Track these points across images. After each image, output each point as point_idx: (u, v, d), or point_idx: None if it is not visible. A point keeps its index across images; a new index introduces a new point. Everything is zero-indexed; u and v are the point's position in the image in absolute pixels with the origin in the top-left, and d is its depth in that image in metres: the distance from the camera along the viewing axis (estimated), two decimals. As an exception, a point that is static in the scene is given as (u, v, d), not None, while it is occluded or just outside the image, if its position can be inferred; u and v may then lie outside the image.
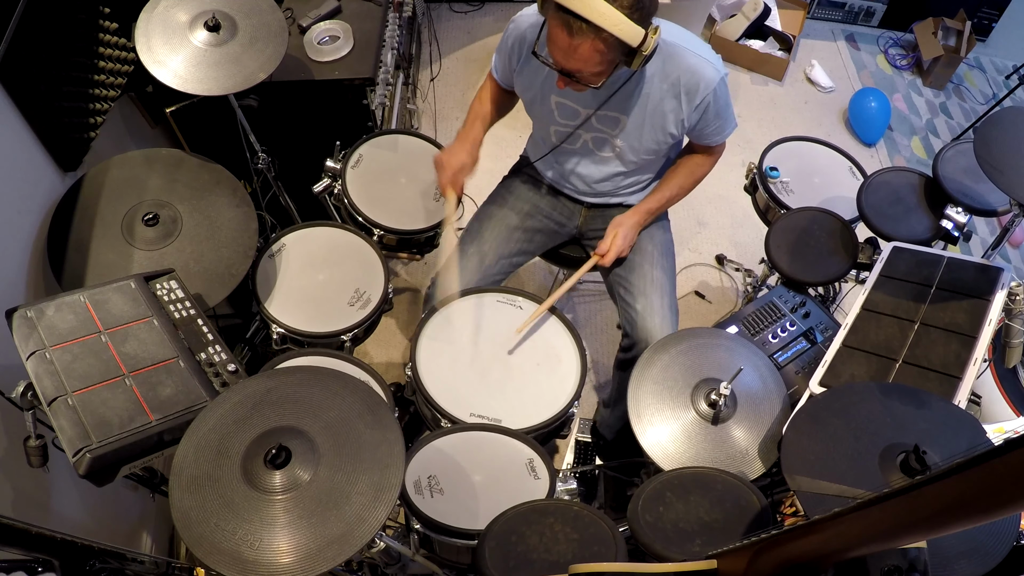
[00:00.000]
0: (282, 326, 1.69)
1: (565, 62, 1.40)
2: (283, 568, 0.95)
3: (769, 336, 1.74)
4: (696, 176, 1.82)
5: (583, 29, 1.30)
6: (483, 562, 1.17)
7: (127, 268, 1.55)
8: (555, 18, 1.34)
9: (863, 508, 0.63)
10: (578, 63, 1.38)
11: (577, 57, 1.36)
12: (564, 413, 1.58)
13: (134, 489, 1.81)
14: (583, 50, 1.34)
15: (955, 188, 1.89)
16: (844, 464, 1.14)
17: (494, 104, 1.85)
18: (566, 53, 1.37)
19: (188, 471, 1.04)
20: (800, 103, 3.61)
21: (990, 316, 1.40)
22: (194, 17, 1.59)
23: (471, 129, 1.79)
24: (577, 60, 1.37)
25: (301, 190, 2.04)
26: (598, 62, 1.37)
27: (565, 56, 1.38)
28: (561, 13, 1.31)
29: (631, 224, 1.78)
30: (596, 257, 1.79)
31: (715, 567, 0.91)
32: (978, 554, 1.02)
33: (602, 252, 1.77)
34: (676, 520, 1.19)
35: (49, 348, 1.22)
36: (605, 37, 1.31)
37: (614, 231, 1.77)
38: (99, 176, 1.63)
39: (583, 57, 1.36)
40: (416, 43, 3.21)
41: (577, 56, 1.36)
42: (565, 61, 1.40)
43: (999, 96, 3.55)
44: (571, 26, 1.31)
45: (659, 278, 1.79)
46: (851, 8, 3.97)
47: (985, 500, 0.53)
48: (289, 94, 2.04)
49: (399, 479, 1.05)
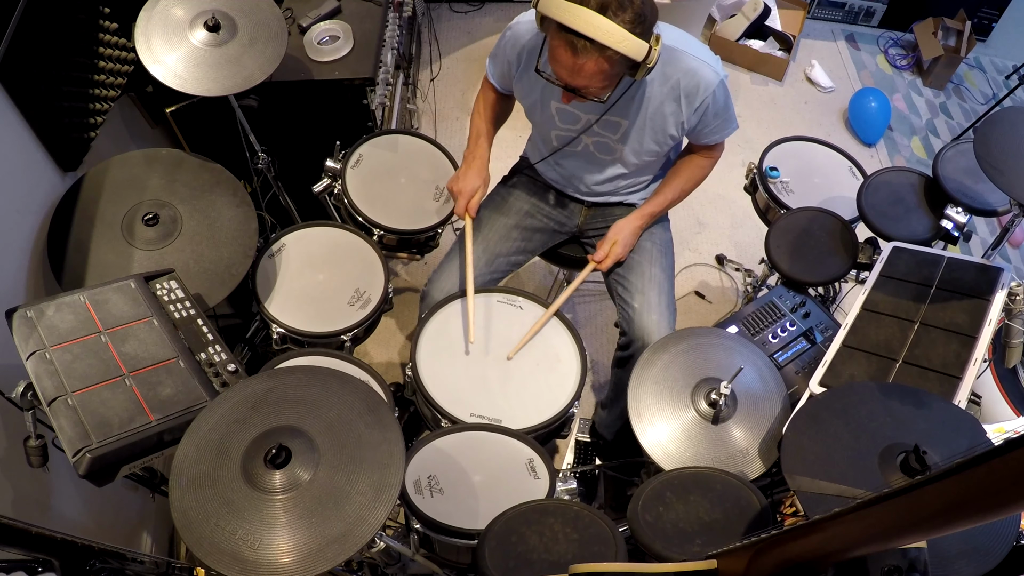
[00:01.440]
0: (282, 326, 1.69)
1: (570, 79, 1.39)
2: (283, 568, 0.95)
3: (769, 336, 1.74)
4: (696, 178, 1.82)
5: (587, 48, 1.29)
6: (483, 562, 1.17)
7: (127, 268, 1.55)
8: (557, 38, 1.32)
9: (863, 508, 0.63)
10: (584, 80, 1.37)
11: (582, 75, 1.35)
12: (564, 413, 1.58)
13: (134, 489, 1.81)
14: (588, 68, 1.33)
15: (955, 188, 1.89)
16: (844, 464, 1.14)
17: (494, 112, 1.85)
18: (571, 71, 1.36)
19: (188, 471, 1.04)
20: (800, 103, 3.61)
21: (990, 316, 1.40)
22: (194, 17, 1.59)
23: (476, 148, 1.79)
24: (582, 78, 1.36)
25: (301, 190, 2.04)
26: (603, 79, 1.36)
27: (570, 74, 1.37)
28: (563, 33, 1.30)
29: (631, 230, 1.78)
30: (593, 263, 1.78)
31: (715, 567, 0.91)
32: (978, 554, 1.02)
33: (599, 258, 1.76)
34: (676, 520, 1.19)
35: (49, 348, 1.22)
36: (610, 55, 1.30)
37: (614, 236, 1.76)
38: (99, 176, 1.63)
39: (588, 75, 1.35)
40: (416, 43, 3.21)
41: (582, 74, 1.35)
42: (570, 79, 1.38)
43: (999, 96, 3.56)
44: (575, 45, 1.29)
45: (657, 276, 1.79)
46: (851, 8, 3.97)
47: (985, 500, 0.53)
48: (289, 94, 2.04)
49: (399, 479, 1.05)
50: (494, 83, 1.80)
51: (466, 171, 1.77)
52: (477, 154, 1.78)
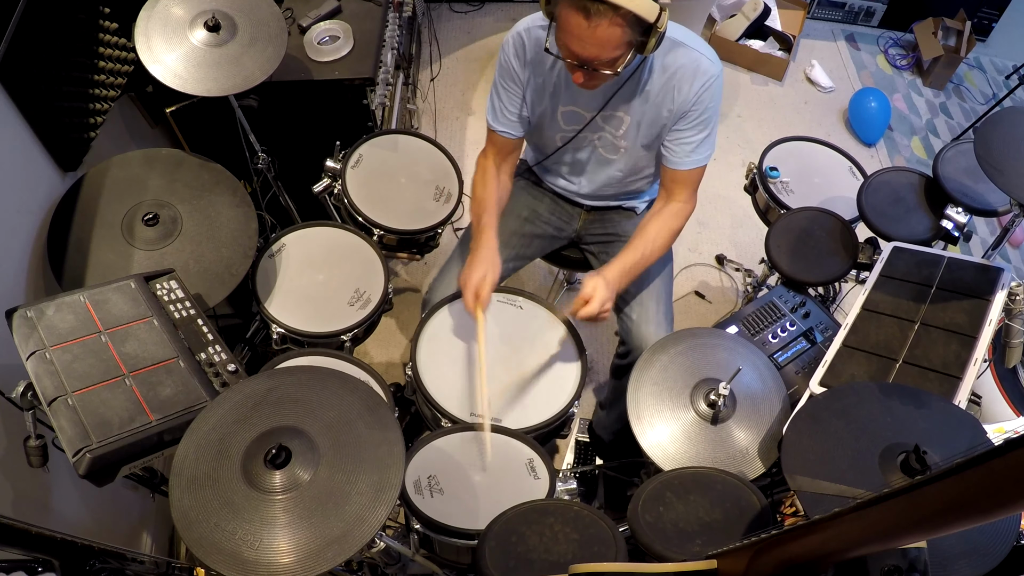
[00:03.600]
0: (282, 326, 1.69)
1: (582, 50, 1.38)
2: (283, 568, 0.95)
3: (769, 336, 1.74)
4: (672, 227, 1.67)
5: (600, 10, 1.29)
6: (483, 562, 1.17)
7: (127, 268, 1.55)
8: (569, 5, 1.33)
9: (863, 508, 0.63)
10: (596, 48, 1.36)
11: (595, 40, 1.34)
12: (564, 413, 1.58)
13: (134, 489, 1.81)
14: (601, 31, 1.32)
15: (955, 188, 1.89)
16: (844, 464, 1.14)
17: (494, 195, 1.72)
18: (583, 39, 1.35)
19: (188, 471, 1.04)
20: (800, 103, 3.61)
21: (990, 316, 1.40)
22: (194, 17, 1.59)
23: (481, 241, 1.64)
24: (595, 44, 1.35)
25: (301, 190, 2.04)
26: (617, 43, 1.36)
27: (582, 43, 1.36)
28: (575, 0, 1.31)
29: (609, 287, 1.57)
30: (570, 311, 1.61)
31: (715, 567, 0.91)
32: (978, 554, 1.02)
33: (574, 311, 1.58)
34: (676, 520, 1.19)
35: (49, 348, 1.22)
36: (623, 13, 1.30)
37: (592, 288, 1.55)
38: (99, 176, 1.63)
39: (602, 39, 1.34)
40: (416, 43, 3.21)
41: (595, 39, 1.34)
42: (582, 49, 1.38)
43: (999, 96, 3.55)
44: (587, 9, 1.30)
45: (656, 286, 1.78)
46: (851, 8, 3.96)
47: (985, 500, 0.53)
48: (289, 94, 2.04)
49: (399, 479, 1.05)
50: (496, 123, 1.70)
51: (470, 263, 1.62)
52: (483, 244, 1.62)
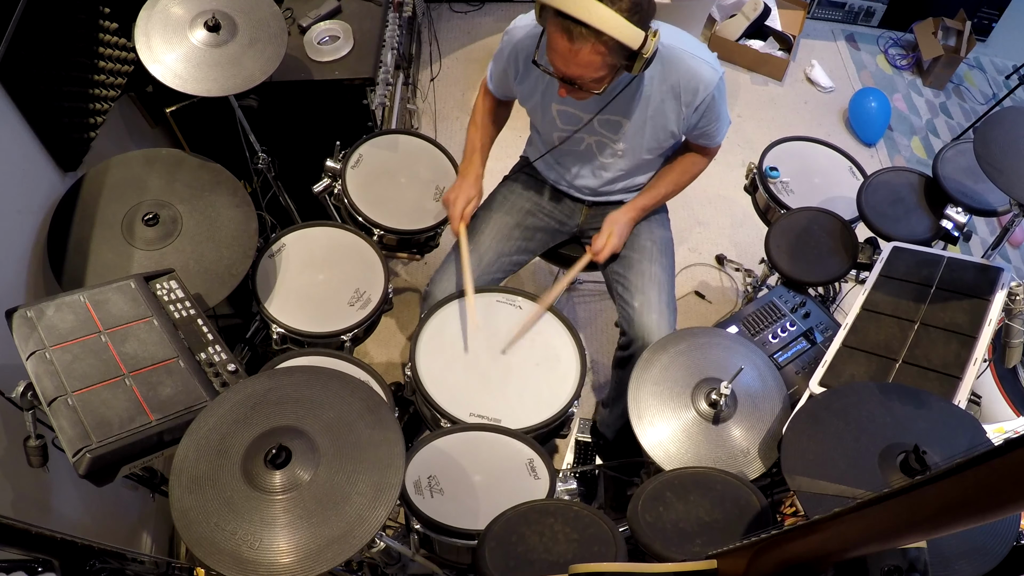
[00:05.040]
0: (282, 326, 1.69)
1: (566, 68, 1.40)
2: (283, 568, 0.95)
3: (769, 336, 1.74)
4: (691, 173, 1.83)
5: (583, 34, 1.30)
6: (483, 562, 1.17)
7: (127, 268, 1.55)
8: (555, 24, 1.34)
9: (863, 508, 0.63)
10: (579, 69, 1.38)
11: (578, 62, 1.36)
12: (564, 413, 1.58)
13: (134, 489, 1.81)
14: (583, 55, 1.34)
15: (955, 188, 1.89)
16: (844, 464, 1.14)
17: (491, 121, 1.87)
18: (567, 59, 1.37)
19: (188, 471, 1.04)
20: (800, 103, 3.61)
21: (990, 316, 1.40)
22: (194, 17, 1.59)
23: (471, 163, 1.82)
24: (578, 65, 1.37)
25: (301, 190, 2.04)
26: (599, 66, 1.37)
27: (566, 62, 1.38)
28: (560, 19, 1.31)
29: (625, 221, 1.79)
30: (590, 254, 1.79)
31: (715, 567, 0.91)
32: (978, 554, 1.02)
33: (596, 250, 1.77)
34: (676, 520, 1.19)
35: (49, 348, 1.22)
36: (605, 40, 1.31)
37: (609, 228, 1.77)
38: (99, 176, 1.63)
39: (584, 62, 1.36)
40: (416, 43, 3.21)
41: (578, 61, 1.36)
42: (566, 68, 1.39)
43: (999, 96, 3.55)
44: (571, 31, 1.31)
45: (658, 275, 1.79)
46: (851, 8, 3.96)
47: (985, 500, 0.53)
48: (289, 94, 2.04)
49: (399, 479, 1.05)
50: (492, 88, 1.82)
51: (460, 183, 1.79)
52: (472, 170, 1.80)
